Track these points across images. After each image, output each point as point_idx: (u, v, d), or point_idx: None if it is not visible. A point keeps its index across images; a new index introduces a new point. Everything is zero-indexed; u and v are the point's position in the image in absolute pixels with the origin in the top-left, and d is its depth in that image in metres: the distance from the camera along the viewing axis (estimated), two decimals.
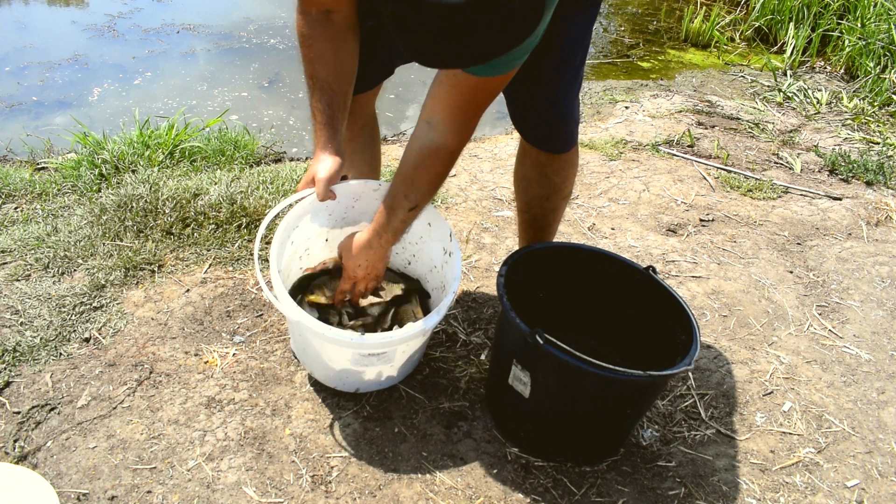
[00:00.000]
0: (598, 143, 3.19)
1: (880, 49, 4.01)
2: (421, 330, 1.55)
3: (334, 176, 1.57)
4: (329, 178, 1.56)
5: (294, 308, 1.49)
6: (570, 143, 1.76)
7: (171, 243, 2.19)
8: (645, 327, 1.71)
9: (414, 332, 1.54)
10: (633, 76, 4.20)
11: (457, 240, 1.69)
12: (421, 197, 1.51)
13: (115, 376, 1.74)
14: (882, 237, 2.66)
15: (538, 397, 1.52)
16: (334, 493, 1.51)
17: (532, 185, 1.84)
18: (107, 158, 2.54)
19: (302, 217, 1.70)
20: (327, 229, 1.82)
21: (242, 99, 3.58)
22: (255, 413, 1.68)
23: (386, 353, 1.59)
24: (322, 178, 1.55)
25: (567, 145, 1.75)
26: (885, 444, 1.79)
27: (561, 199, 1.88)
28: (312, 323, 1.49)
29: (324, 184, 1.56)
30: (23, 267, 2.04)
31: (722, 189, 2.88)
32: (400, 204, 1.51)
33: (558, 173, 1.81)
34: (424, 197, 1.52)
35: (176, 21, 4.40)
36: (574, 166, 1.85)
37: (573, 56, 1.61)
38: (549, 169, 1.79)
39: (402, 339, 1.54)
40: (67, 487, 1.48)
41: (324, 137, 1.55)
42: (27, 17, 4.36)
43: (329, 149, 1.56)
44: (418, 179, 1.49)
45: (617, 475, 1.63)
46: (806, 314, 2.21)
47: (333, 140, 1.56)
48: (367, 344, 1.52)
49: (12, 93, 3.43)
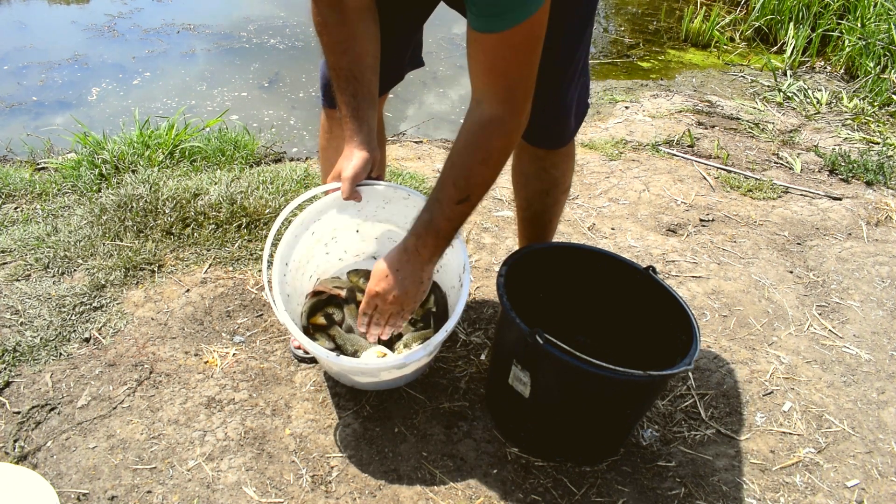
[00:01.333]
0: (598, 143, 3.19)
1: (880, 49, 4.01)
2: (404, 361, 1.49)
3: (360, 173, 1.48)
4: (355, 176, 1.47)
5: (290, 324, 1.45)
6: (567, 137, 1.73)
7: (171, 243, 2.19)
8: (645, 327, 1.70)
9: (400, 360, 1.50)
10: (633, 76, 4.20)
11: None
12: (473, 185, 1.28)
13: (115, 376, 1.74)
14: (882, 237, 2.66)
15: (538, 397, 1.52)
16: (334, 493, 1.51)
17: (531, 181, 1.83)
18: (107, 158, 2.54)
19: (325, 211, 1.63)
20: (359, 221, 1.74)
21: (242, 99, 3.58)
22: (255, 413, 1.68)
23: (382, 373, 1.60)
24: (348, 177, 1.47)
25: (564, 140, 1.73)
26: (885, 444, 1.79)
27: (561, 192, 1.86)
28: (311, 346, 1.46)
29: (349, 182, 1.47)
30: (23, 267, 2.04)
31: (722, 189, 2.88)
32: (447, 195, 1.28)
33: (557, 167, 1.78)
34: (478, 186, 1.29)
35: (176, 21, 4.40)
36: (572, 158, 1.82)
37: (577, 45, 1.54)
38: (546, 163, 1.77)
39: (396, 365, 1.52)
40: (67, 487, 1.48)
41: (350, 130, 1.47)
42: (27, 17, 4.36)
43: (355, 142, 1.48)
44: (469, 161, 1.27)
45: (617, 475, 1.63)
46: (806, 314, 2.21)
47: (360, 133, 1.47)
48: (359, 369, 1.53)
49: (12, 93, 3.43)
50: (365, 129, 1.47)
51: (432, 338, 1.52)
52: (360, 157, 1.49)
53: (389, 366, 1.54)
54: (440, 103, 3.76)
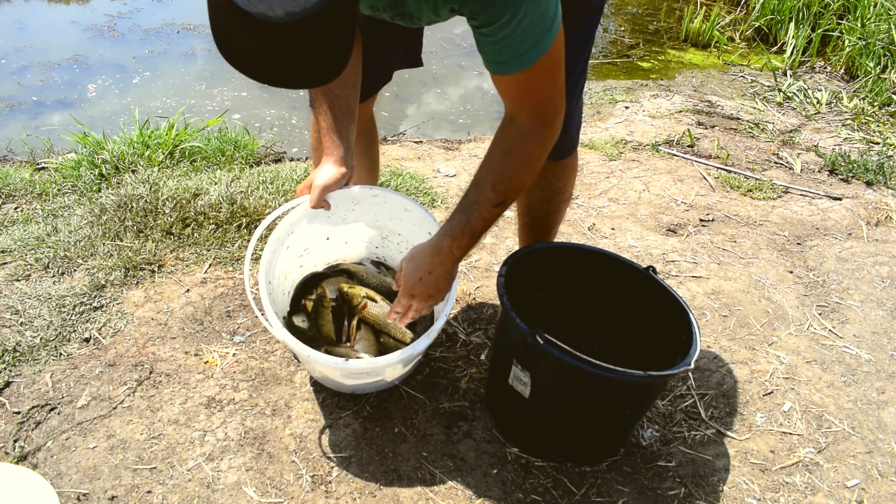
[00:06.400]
0: (598, 143, 3.19)
1: (880, 49, 4.00)
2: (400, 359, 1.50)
3: (332, 185, 1.53)
4: (326, 187, 1.52)
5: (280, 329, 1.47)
6: (570, 149, 1.75)
7: (171, 243, 2.19)
8: (645, 327, 1.70)
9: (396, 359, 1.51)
10: (633, 76, 4.20)
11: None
12: (511, 189, 1.35)
13: (115, 376, 1.74)
14: (882, 237, 2.66)
15: (538, 397, 1.52)
16: (334, 493, 1.51)
17: (533, 190, 1.84)
18: (107, 158, 2.54)
19: (297, 223, 1.69)
20: (329, 227, 1.81)
21: (242, 98, 3.57)
22: (255, 413, 1.68)
23: (374, 372, 1.60)
24: (318, 185, 1.52)
25: (567, 151, 1.75)
26: (885, 444, 1.79)
27: (562, 201, 1.88)
28: (296, 345, 1.47)
29: (319, 191, 1.52)
30: (23, 267, 2.04)
31: (722, 189, 2.88)
32: (485, 197, 1.34)
33: (559, 177, 1.81)
34: (515, 190, 1.36)
35: (176, 21, 4.40)
36: (574, 169, 1.85)
37: (574, 65, 1.55)
38: (549, 173, 1.78)
39: (387, 364, 1.52)
40: (67, 487, 1.48)
41: (328, 146, 1.51)
42: (27, 16, 4.35)
43: (333, 156, 1.52)
44: (509, 168, 1.32)
45: (617, 475, 1.63)
46: (806, 314, 2.21)
47: (339, 148, 1.51)
48: (352, 369, 1.53)
49: (12, 93, 3.43)
50: (344, 144, 1.52)
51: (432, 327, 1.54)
52: (336, 171, 1.53)
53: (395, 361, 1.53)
54: (440, 103, 3.76)
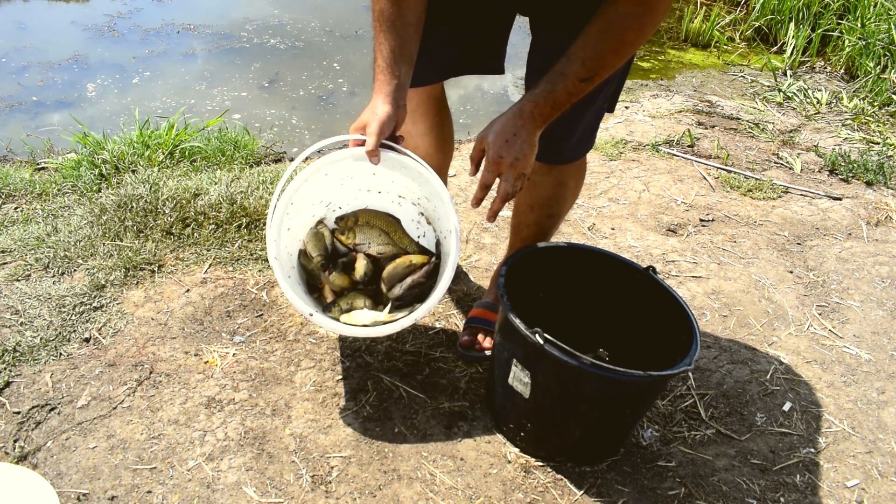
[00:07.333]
0: (598, 143, 3.19)
1: (880, 49, 4.00)
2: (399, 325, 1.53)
3: (385, 128, 1.46)
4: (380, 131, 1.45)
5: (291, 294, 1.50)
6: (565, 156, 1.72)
7: (171, 243, 2.19)
8: (645, 327, 1.70)
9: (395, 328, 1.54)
10: (632, 76, 4.20)
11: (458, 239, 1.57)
12: (600, 66, 1.32)
13: (115, 376, 1.74)
14: (882, 237, 2.66)
15: (538, 397, 1.52)
16: (334, 493, 1.51)
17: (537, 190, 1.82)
18: (107, 158, 2.54)
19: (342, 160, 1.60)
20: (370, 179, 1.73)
21: (242, 99, 3.57)
22: (255, 413, 1.68)
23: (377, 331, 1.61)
24: (373, 132, 1.44)
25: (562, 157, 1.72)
26: (885, 444, 1.79)
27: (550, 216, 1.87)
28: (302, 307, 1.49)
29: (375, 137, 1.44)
30: (23, 267, 2.04)
31: (722, 189, 2.88)
32: (573, 70, 1.31)
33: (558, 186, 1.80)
34: (604, 69, 1.33)
35: (176, 21, 4.40)
36: (569, 190, 1.84)
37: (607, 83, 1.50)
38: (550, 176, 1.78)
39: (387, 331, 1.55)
40: (67, 487, 1.48)
41: (380, 81, 1.44)
42: (27, 17, 4.35)
43: (382, 94, 1.44)
44: (602, 46, 1.30)
45: (617, 475, 1.63)
46: (806, 314, 2.21)
47: (389, 85, 1.44)
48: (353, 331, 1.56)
49: (12, 93, 3.43)
50: (395, 83, 1.44)
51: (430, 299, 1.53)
52: (384, 112, 1.44)
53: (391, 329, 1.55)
54: None
